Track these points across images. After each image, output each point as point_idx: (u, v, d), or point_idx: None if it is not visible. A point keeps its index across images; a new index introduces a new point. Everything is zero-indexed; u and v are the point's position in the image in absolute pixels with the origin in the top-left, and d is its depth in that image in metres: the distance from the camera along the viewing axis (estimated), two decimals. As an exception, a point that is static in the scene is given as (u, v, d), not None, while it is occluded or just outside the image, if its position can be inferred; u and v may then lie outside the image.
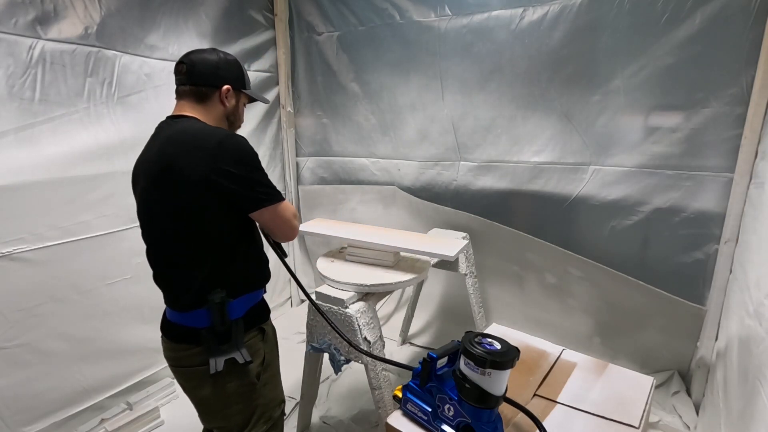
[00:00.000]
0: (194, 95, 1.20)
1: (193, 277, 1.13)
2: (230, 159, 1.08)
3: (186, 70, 1.20)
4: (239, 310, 1.19)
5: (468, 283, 2.34)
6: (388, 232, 2.00)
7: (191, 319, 1.15)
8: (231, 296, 1.15)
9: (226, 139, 1.10)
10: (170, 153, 1.09)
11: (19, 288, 1.71)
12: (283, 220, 1.19)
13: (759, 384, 1.25)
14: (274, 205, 1.15)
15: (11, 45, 1.63)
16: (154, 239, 1.19)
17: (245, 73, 1.29)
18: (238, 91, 1.27)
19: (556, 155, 2.23)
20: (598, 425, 1.10)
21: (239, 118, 1.32)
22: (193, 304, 1.14)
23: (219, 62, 1.22)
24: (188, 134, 1.11)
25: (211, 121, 1.21)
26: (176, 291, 1.17)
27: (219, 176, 1.07)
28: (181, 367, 1.21)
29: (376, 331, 1.64)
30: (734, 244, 1.85)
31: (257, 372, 1.22)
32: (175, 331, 1.19)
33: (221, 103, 1.23)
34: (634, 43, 1.93)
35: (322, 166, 3.10)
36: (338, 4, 2.70)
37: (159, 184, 1.11)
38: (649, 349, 2.18)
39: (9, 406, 1.71)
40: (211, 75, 1.20)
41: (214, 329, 1.13)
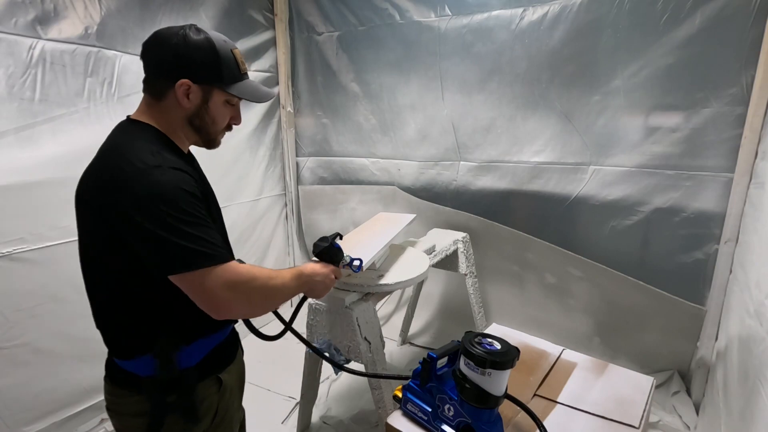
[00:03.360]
0: (149, 90, 0.95)
1: (134, 318, 0.94)
2: (137, 204, 0.82)
3: (142, 53, 0.95)
4: (193, 357, 0.98)
5: (468, 283, 2.34)
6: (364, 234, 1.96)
7: (133, 365, 0.96)
8: (183, 341, 0.95)
9: (141, 176, 0.83)
10: (86, 182, 0.91)
11: (19, 288, 1.71)
12: (199, 294, 0.87)
13: (759, 384, 1.25)
14: (189, 272, 0.84)
15: (11, 45, 1.63)
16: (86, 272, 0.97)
17: (224, 61, 0.95)
18: (209, 86, 0.95)
19: (556, 155, 2.23)
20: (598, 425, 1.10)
21: (213, 123, 0.99)
22: (133, 352, 0.94)
23: (177, 46, 0.90)
24: (108, 161, 0.89)
25: (168, 125, 0.96)
26: (116, 336, 0.98)
27: (125, 225, 0.83)
28: (118, 414, 1.01)
29: (376, 331, 1.64)
30: (734, 244, 1.85)
31: (204, 430, 1.01)
32: (115, 372, 0.99)
33: (178, 103, 0.93)
34: (634, 43, 1.93)
35: (322, 166, 3.10)
36: (338, 4, 2.70)
37: (79, 213, 0.93)
38: (649, 349, 2.18)
39: (9, 406, 1.71)
40: (164, 63, 0.92)
41: (158, 379, 0.94)
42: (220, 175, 2.59)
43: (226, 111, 1.01)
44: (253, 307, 0.97)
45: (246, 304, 0.94)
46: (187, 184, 0.88)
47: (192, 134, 1.00)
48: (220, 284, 0.87)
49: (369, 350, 1.60)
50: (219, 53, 0.94)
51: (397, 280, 1.67)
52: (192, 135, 1.00)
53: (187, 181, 0.88)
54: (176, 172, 0.87)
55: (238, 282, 0.89)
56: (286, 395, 2.21)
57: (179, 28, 0.92)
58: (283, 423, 2.06)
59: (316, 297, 1.17)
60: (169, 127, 0.96)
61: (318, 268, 1.15)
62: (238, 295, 0.90)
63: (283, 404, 2.16)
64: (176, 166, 0.88)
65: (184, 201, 0.85)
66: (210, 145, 1.05)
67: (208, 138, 1.02)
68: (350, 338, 1.59)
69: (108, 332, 0.99)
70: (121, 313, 0.95)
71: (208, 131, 1.00)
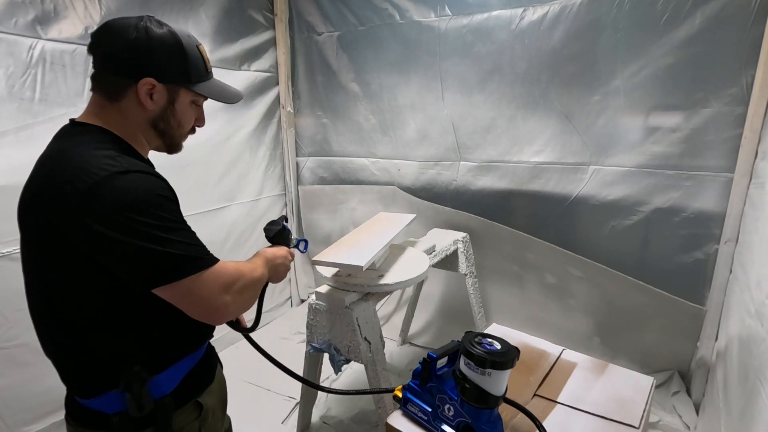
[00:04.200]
0: (101, 88, 0.84)
1: (96, 347, 0.82)
2: (104, 215, 0.72)
3: (92, 46, 0.83)
4: (168, 384, 0.87)
5: (468, 283, 2.34)
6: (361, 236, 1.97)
7: (99, 402, 0.84)
8: (154, 370, 0.84)
9: (105, 184, 0.72)
10: (31, 196, 0.81)
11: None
12: (195, 301, 0.79)
13: (759, 384, 1.25)
14: (177, 282, 0.76)
15: (11, 45, 1.63)
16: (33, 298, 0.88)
17: (190, 57, 0.86)
18: (174, 85, 0.86)
19: (556, 155, 2.23)
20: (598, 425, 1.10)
21: (179, 125, 0.90)
22: (98, 387, 0.83)
23: (136, 39, 0.80)
24: (61, 169, 0.76)
25: (129, 129, 0.85)
26: (71, 371, 0.86)
27: (91, 241, 0.73)
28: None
29: (376, 331, 1.64)
30: (734, 244, 1.85)
31: None
32: (78, 412, 0.88)
33: (139, 104, 0.83)
34: (634, 43, 1.93)
35: (322, 166, 3.10)
36: (338, 4, 2.70)
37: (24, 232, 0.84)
38: (649, 349, 2.18)
39: (9, 406, 1.71)
40: (122, 60, 0.81)
41: (129, 415, 0.82)
42: (220, 175, 2.59)
43: (192, 112, 0.92)
44: (246, 305, 0.91)
45: (241, 303, 0.87)
46: (161, 188, 0.79)
47: (154, 138, 0.90)
48: (216, 289, 0.80)
49: (369, 350, 1.60)
50: (185, 49, 0.85)
51: (397, 280, 1.67)
52: (154, 139, 0.90)
53: (159, 184, 0.79)
54: (145, 176, 0.78)
55: (231, 282, 0.84)
56: (286, 395, 2.21)
57: (137, 19, 0.82)
58: (283, 423, 2.06)
59: (278, 281, 1.10)
60: (127, 131, 0.85)
61: (276, 251, 1.09)
62: (233, 296, 0.84)
63: (283, 404, 2.16)
64: (143, 170, 0.79)
65: (160, 206, 0.76)
66: (172, 149, 0.96)
67: (171, 142, 0.93)
68: (350, 338, 1.59)
69: (64, 366, 0.86)
70: (80, 342, 0.82)
71: (172, 135, 0.91)
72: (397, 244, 2.07)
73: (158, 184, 0.79)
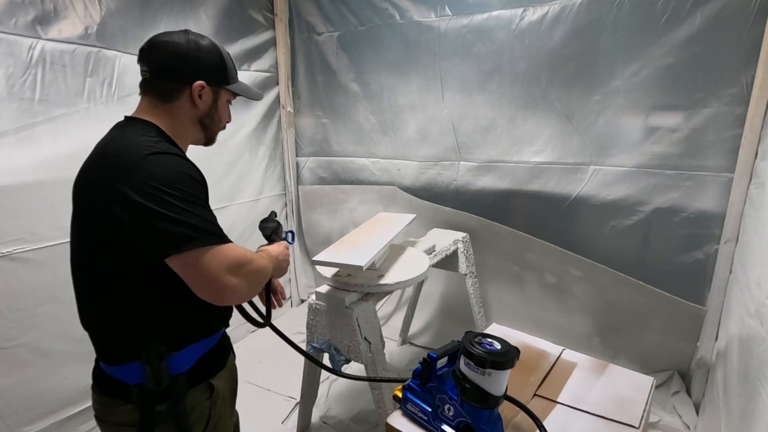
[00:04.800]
0: (156, 92, 0.98)
1: (124, 319, 0.92)
2: (138, 187, 0.81)
3: (146, 58, 0.98)
4: (183, 363, 0.95)
5: (468, 283, 2.34)
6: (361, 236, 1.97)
7: (122, 372, 0.93)
8: (172, 348, 0.93)
9: (143, 161, 0.84)
10: (86, 173, 0.92)
11: (19, 288, 1.71)
12: (200, 277, 0.84)
13: (759, 384, 1.25)
14: (187, 252, 0.81)
15: (11, 45, 1.63)
16: (76, 271, 0.96)
17: (228, 64, 1.04)
18: (217, 87, 1.02)
19: (556, 155, 2.23)
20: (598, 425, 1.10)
21: (219, 121, 1.07)
22: (123, 357, 0.92)
23: (188, 50, 0.95)
24: (110, 151, 0.90)
25: (175, 124, 0.98)
26: (101, 340, 0.96)
27: (124, 210, 0.82)
28: (107, 423, 0.98)
29: (376, 331, 1.64)
30: (734, 244, 1.85)
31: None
32: (103, 381, 0.97)
33: (192, 104, 0.98)
34: (634, 43, 1.93)
35: (322, 166, 3.10)
36: (338, 4, 2.70)
37: (76, 208, 0.94)
38: (649, 349, 2.18)
39: (9, 406, 1.71)
40: (176, 67, 0.96)
41: (148, 387, 0.91)
42: (220, 175, 2.59)
43: (227, 110, 1.09)
44: (251, 291, 0.93)
45: (246, 288, 0.90)
46: (190, 170, 0.90)
47: (198, 132, 1.05)
48: (223, 267, 0.84)
49: (369, 350, 1.60)
50: (223, 57, 1.02)
51: (397, 280, 1.67)
52: (198, 133, 1.05)
53: (189, 166, 0.91)
54: (179, 158, 0.90)
55: (240, 264, 0.88)
56: (286, 395, 2.21)
57: (184, 33, 0.98)
58: (283, 423, 2.06)
59: (281, 275, 1.16)
60: (174, 127, 0.98)
61: (277, 248, 1.14)
62: (240, 278, 0.87)
63: (283, 404, 2.16)
64: (178, 153, 0.92)
65: (186, 184, 0.86)
66: (209, 142, 1.11)
67: (211, 135, 1.09)
68: (350, 338, 1.59)
69: (97, 334, 0.96)
70: (112, 312, 0.92)
71: (213, 129, 1.07)
72: (397, 244, 2.07)
73: (188, 166, 0.91)
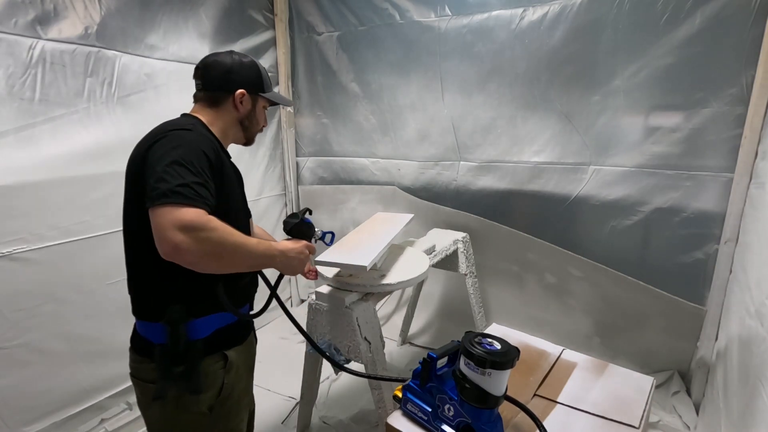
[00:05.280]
0: (207, 100, 1.18)
1: (151, 286, 1.06)
2: (156, 147, 0.97)
3: (200, 75, 1.19)
4: (202, 330, 1.07)
5: (468, 283, 2.34)
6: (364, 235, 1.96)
7: (150, 331, 1.07)
8: (193, 314, 1.05)
9: (170, 133, 1.01)
10: (136, 146, 1.07)
11: (19, 288, 1.71)
12: (155, 229, 0.90)
13: (759, 384, 1.25)
14: (153, 207, 0.90)
15: (11, 45, 1.63)
16: (124, 237, 1.11)
17: (263, 76, 1.25)
18: (255, 94, 1.23)
19: (556, 155, 2.23)
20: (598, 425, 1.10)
21: (256, 123, 1.27)
22: (151, 314, 1.06)
23: (232, 66, 1.18)
24: (153, 130, 1.07)
25: (221, 125, 1.18)
26: (136, 296, 1.11)
27: (144, 169, 0.97)
28: (137, 379, 1.12)
29: (376, 331, 1.64)
30: (734, 244, 1.85)
31: (210, 404, 1.10)
32: (136, 341, 1.12)
33: (235, 108, 1.19)
34: (634, 43, 1.93)
35: (322, 166, 3.10)
36: (338, 4, 2.70)
37: (125, 177, 1.08)
38: (649, 349, 2.18)
39: (9, 406, 1.71)
40: (222, 80, 1.17)
41: (167, 348, 1.03)
42: (220, 175, 2.59)
43: (263, 114, 1.30)
44: (203, 257, 0.91)
45: (196, 251, 0.89)
46: (206, 147, 1.01)
47: (239, 132, 1.24)
48: (175, 222, 0.87)
49: (369, 350, 1.60)
50: (260, 70, 1.24)
51: (398, 280, 1.67)
52: (238, 132, 1.25)
53: (207, 144, 1.03)
54: (200, 137, 1.03)
55: (193, 226, 0.88)
56: (286, 395, 2.21)
57: (229, 53, 1.21)
58: (283, 423, 2.06)
59: (292, 273, 1.18)
60: (221, 127, 1.18)
61: (290, 245, 1.16)
62: (189, 238, 0.87)
63: (283, 404, 2.16)
64: (205, 134, 1.08)
65: (195, 155, 0.97)
66: (249, 141, 1.31)
67: (250, 136, 1.29)
68: (350, 338, 1.59)
69: (134, 293, 1.11)
70: (144, 274, 1.07)
71: (252, 130, 1.27)
72: (397, 244, 2.07)
73: (208, 145, 1.03)
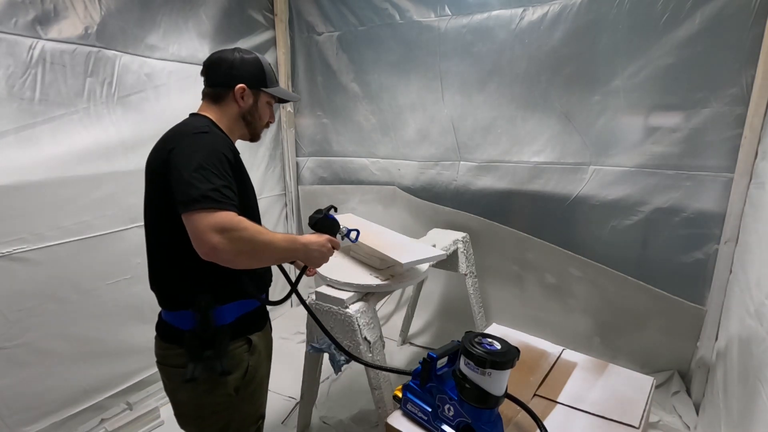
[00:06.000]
0: (211, 96, 1.21)
1: (178, 276, 1.12)
2: (179, 154, 1.01)
3: (205, 72, 1.22)
4: (228, 316, 1.14)
5: (468, 283, 2.34)
6: (383, 234, 1.99)
7: (178, 319, 1.13)
8: (219, 301, 1.12)
9: (190, 136, 1.05)
10: (155, 148, 1.12)
11: (19, 288, 1.71)
12: (192, 233, 0.97)
13: (759, 384, 1.25)
14: (187, 212, 0.96)
15: (11, 45, 1.63)
16: (146, 234, 1.17)
17: (267, 71, 1.25)
18: (257, 89, 1.23)
19: (556, 155, 2.23)
20: (598, 425, 1.10)
21: (259, 118, 1.27)
22: (179, 304, 1.13)
23: (234, 61, 1.19)
24: (173, 130, 1.11)
25: (226, 121, 1.20)
26: (163, 288, 1.16)
27: (169, 172, 1.02)
28: (165, 366, 1.19)
29: (376, 331, 1.64)
30: (734, 244, 1.85)
31: (236, 385, 1.17)
32: (163, 329, 1.18)
33: (236, 103, 1.20)
34: (634, 43, 1.93)
35: (322, 166, 3.10)
36: (338, 4, 2.70)
37: (146, 180, 1.14)
38: (649, 349, 2.18)
39: (9, 406, 1.71)
40: (224, 75, 1.19)
41: (196, 333, 1.10)
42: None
43: (267, 110, 1.29)
44: (238, 255, 1.00)
45: (232, 250, 0.97)
46: (223, 147, 1.06)
47: (243, 128, 1.25)
48: (210, 225, 0.95)
49: (369, 350, 1.60)
50: (263, 66, 1.24)
51: (397, 281, 1.67)
52: (243, 128, 1.25)
53: (224, 145, 1.07)
54: (218, 138, 1.08)
55: (227, 228, 0.96)
56: (286, 395, 2.21)
57: (231, 51, 1.21)
58: (283, 423, 2.06)
59: (315, 265, 1.25)
60: (226, 122, 1.20)
61: (313, 238, 1.21)
62: (225, 239, 0.96)
63: (283, 404, 2.17)
64: (219, 134, 1.12)
65: (216, 157, 1.02)
66: (255, 138, 1.31)
67: (254, 131, 1.28)
68: (350, 338, 1.59)
69: (159, 285, 1.16)
70: (172, 267, 1.11)
71: (255, 125, 1.27)
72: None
73: (224, 145, 1.08)
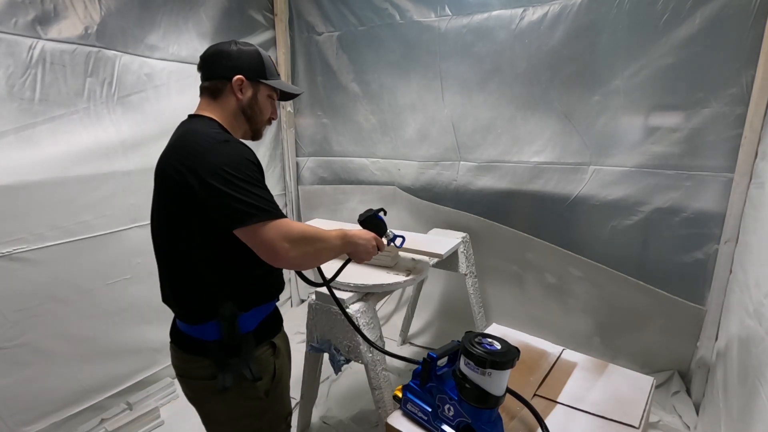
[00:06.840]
0: (209, 91, 1.15)
1: (199, 288, 1.08)
2: (210, 170, 0.98)
3: (201, 65, 1.17)
4: (250, 323, 1.13)
5: (468, 283, 2.34)
6: None
7: (201, 331, 1.10)
8: (241, 309, 1.10)
9: (214, 148, 1.02)
10: (167, 159, 1.07)
11: (19, 288, 1.71)
12: (262, 246, 1.01)
13: (759, 384, 1.25)
14: (249, 226, 0.98)
15: (11, 45, 1.64)
16: (157, 243, 1.14)
17: (266, 63, 1.19)
18: (256, 81, 1.17)
19: (556, 155, 2.23)
20: (598, 425, 1.10)
21: (260, 112, 1.20)
22: (202, 317, 1.09)
23: (231, 53, 1.14)
24: (186, 140, 1.06)
25: (226, 117, 1.14)
26: (183, 303, 1.12)
27: (200, 188, 0.99)
28: (188, 378, 1.16)
29: (376, 331, 1.64)
30: (734, 244, 1.85)
31: (266, 389, 1.16)
32: (183, 341, 1.14)
33: (234, 96, 1.14)
34: (634, 43, 1.93)
35: (322, 166, 3.10)
36: (338, 4, 2.70)
37: (158, 188, 1.10)
38: (649, 349, 2.18)
39: (9, 406, 1.71)
40: (221, 67, 1.13)
41: (223, 343, 1.08)
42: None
43: (269, 104, 1.23)
44: (305, 259, 1.08)
45: (299, 253, 1.04)
46: (249, 155, 1.05)
47: (244, 123, 1.19)
48: (278, 235, 1.00)
49: (369, 350, 1.60)
50: (263, 57, 1.19)
51: (398, 280, 1.67)
52: (244, 124, 1.19)
53: (249, 152, 1.06)
54: (240, 145, 1.07)
55: (293, 235, 1.02)
56: (286, 395, 2.21)
57: (229, 43, 1.16)
58: (283, 423, 2.06)
59: (359, 260, 1.29)
60: (226, 118, 1.15)
61: (360, 233, 1.25)
62: (293, 246, 1.02)
63: (283, 404, 2.16)
64: (239, 141, 1.10)
65: (247, 167, 1.01)
66: (257, 135, 1.25)
67: (256, 127, 1.22)
68: (350, 338, 1.59)
69: (180, 300, 1.12)
70: (193, 279, 1.08)
71: (256, 120, 1.21)
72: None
73: (248, 151, 1.06)
